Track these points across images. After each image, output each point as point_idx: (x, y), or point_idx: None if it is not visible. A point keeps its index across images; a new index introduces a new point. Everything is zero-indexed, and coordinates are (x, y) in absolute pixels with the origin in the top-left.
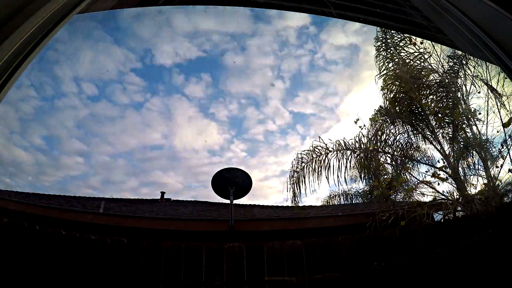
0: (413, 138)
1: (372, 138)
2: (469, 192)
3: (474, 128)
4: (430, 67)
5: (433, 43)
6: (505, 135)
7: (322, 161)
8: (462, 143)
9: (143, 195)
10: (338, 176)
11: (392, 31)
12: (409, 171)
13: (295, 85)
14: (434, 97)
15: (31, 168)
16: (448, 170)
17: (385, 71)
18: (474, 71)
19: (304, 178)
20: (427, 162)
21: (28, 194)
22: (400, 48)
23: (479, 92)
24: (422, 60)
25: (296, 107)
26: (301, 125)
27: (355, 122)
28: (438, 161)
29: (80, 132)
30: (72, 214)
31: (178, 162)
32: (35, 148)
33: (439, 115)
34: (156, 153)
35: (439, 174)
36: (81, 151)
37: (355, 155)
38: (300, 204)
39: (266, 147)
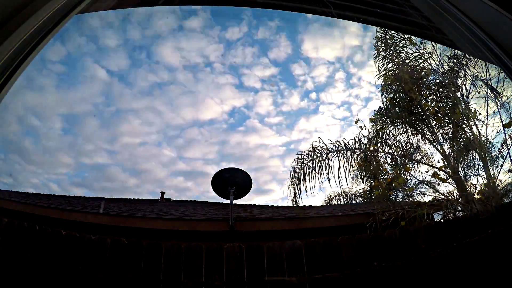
0: (413, 138)
1: (372, 139)
2: (469, 192)
3: (474, 128)
4: (430, 67)
5: (433, 43)
6: (505, 135)
7: (322, 161)
8: (462, 143)
9: (169, 187)
10: (338, 176)
11: (392, 31)
12: (409, 171)
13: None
14: (434, 97)
15: (42, 157)
16: (448, 170)
17: (384, 71)
18: (474, 71)
19: (305, 178)
20: (427, 162)
21: (28, 194)
22: (399, 48)
23: (479, 92)
24: (422, 61)
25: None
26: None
27: (355, 122)
28: (438, 161)
29: (107, 109)
30: (72, 214)
31: (228, 146)
32: (50, 131)
33: (439, 115)
34: (202, 134)
35: (439, 174)
36: (105, 135)
37: (355, 155)
38: (300, 204)
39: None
